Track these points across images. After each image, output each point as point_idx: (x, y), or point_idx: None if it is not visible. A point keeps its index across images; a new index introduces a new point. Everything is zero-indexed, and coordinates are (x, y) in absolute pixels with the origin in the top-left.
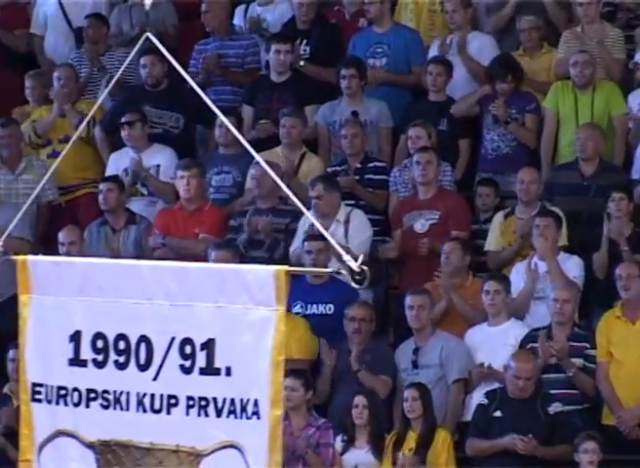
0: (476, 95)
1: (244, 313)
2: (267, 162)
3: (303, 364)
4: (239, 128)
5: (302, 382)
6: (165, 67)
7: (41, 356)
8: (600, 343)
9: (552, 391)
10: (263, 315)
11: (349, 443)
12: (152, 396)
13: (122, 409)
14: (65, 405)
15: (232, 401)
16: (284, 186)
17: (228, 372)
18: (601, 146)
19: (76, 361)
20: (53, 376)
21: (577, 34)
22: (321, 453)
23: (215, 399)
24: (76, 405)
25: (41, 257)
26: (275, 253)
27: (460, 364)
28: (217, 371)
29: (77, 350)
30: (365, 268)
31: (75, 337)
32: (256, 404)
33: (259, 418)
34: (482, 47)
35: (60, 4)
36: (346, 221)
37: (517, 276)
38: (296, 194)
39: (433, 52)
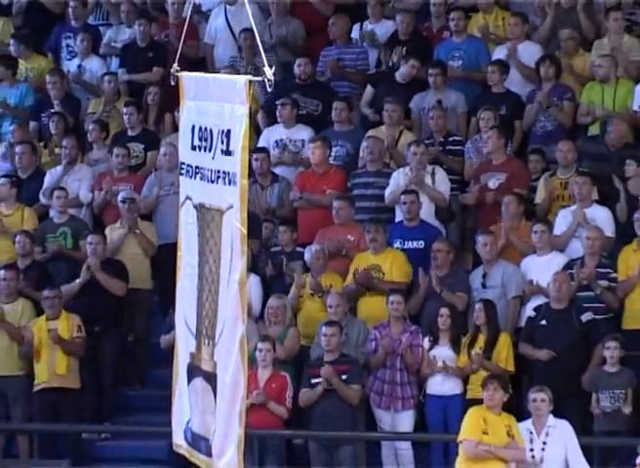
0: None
1: (237, 109)
2: (375, 136)
3: (401, 285)
4: (349, 112)
5: (404, 299)
6: (313, 67)
7: (184, 144)
8: (620, 269)
9: (584, 304)
10: (243, 111)
11: (434, 342)
12: (211, 170)
13: (201, 179)
14: (188, 177)
15: (233, 173)
16: None
17: (232, 154)
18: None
19: (192, 147)
20: (186, 157)
21: (603, 43)
22: (413, 352)
23: (229, 172)
24: (191, 177)
25: (183, 73)
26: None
27: (516, 284)
28: (230, 153)
29: (193, 138)
30: (273, 77)
31: (193, 130)
32: (235, 175)
33: (236, 185)
34: (533, 52)
35: (227, 20)
36: (432, 173)
37: (561, 220)
38: (396, 159)
39: (496, 55)
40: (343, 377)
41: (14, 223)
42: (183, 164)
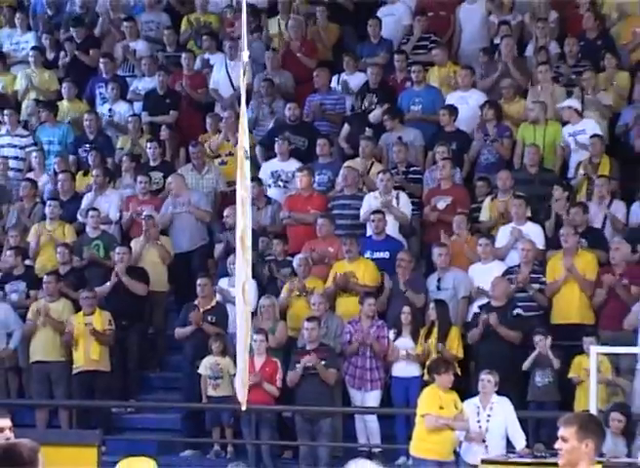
0: None
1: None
2: (351, 166)
3: (372, 288)
4: (330, 147)
5: (375, 301)
6: (300, 110)
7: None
8: (548, 274)
9: (519, 303)
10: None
11: (398, 334)
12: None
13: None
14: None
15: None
16: None
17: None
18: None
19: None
20: (245, 144)
21: (536, 91)
22: (379, 342)
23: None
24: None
25: None
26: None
27: (465, 287)
28: None
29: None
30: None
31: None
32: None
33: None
34: (478, 98)
35: (227, 72)
36: (397, 197)
37: (502, 235)
38: (368, 185)
39: (449, 101)
40: (323, 363)
41: (56, 237)
42: (245, 151)
